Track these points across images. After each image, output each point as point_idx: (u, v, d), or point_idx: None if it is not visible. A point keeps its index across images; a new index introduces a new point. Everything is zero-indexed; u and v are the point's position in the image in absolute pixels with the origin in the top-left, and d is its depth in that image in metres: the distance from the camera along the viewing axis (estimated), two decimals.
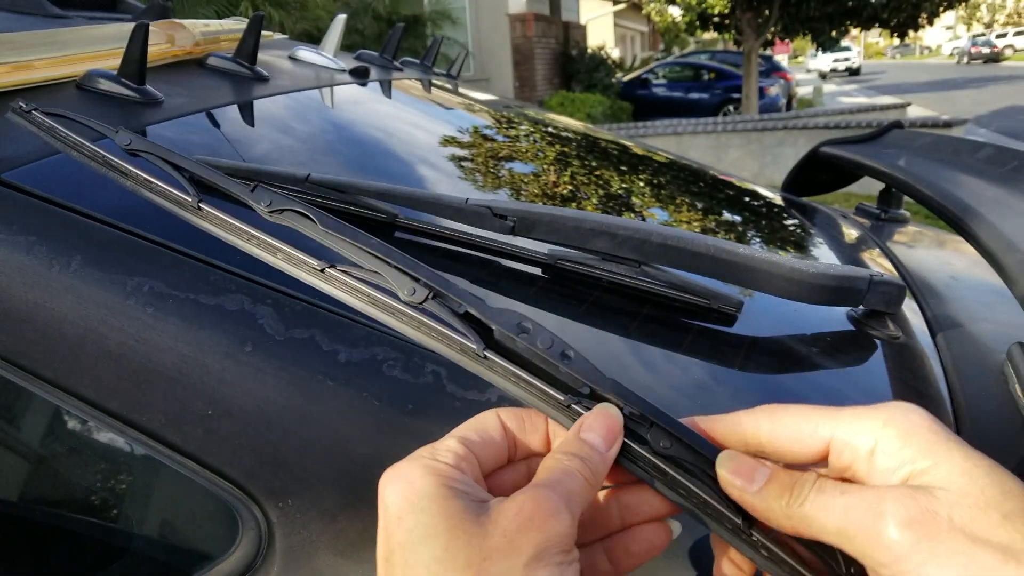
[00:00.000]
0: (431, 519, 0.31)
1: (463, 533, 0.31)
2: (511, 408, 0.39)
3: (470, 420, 0.38)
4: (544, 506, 0.32)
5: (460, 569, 0.30)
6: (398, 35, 1.48)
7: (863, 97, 16.62)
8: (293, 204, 0.47)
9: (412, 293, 0.42)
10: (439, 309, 0.42)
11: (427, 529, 0.31)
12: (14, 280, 0.49)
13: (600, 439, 0.36)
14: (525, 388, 0.40)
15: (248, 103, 0.92)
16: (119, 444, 0.52)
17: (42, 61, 0.75)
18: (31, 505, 0.57)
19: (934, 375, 0.68)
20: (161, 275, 0.50)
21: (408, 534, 0.32)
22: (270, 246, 0.46)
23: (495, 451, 0.37)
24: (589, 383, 0.39)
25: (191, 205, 0.48)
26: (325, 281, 0.44)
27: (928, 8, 9.71)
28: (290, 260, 0.45)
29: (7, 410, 0.55)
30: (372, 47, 1.59)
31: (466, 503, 0.32)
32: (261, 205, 0.47)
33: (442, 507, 0.32)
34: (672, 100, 12.58)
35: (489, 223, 0.64)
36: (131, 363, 0.48)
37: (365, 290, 0.43)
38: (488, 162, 1.07)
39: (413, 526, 0.32)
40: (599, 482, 0.35)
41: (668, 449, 0.37)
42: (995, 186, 0.86)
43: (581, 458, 0.35)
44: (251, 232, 0.46)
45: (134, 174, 0.51)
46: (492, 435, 0.37)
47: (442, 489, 0.32)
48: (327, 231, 0.45)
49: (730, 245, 0.64)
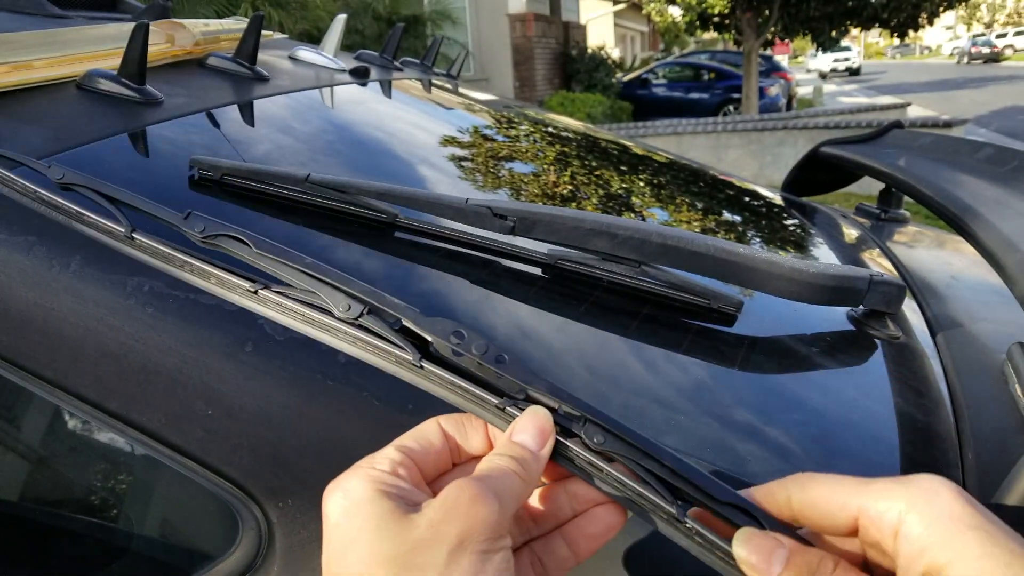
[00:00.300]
0: (362, 523, 0.33)
1: (389, 531, 0.32)
2: (452, 415, 0.41)
3: (411, 429, 0.39)
4: (468, 493, 0.33)
5: (386, 563, 0.31)
6: (398, 35, 1.48)
7: (863, 97, 16.62)
8: (226, 229, 0.48)
9: (347, 309, 0.43)
10: (374, 323, 0.43)
11: (357, 533, 0.32)
12: (14, 280, 0.49)
13: (532, 439, 0.37)
14: (461, 395, 0.41)
15: (248, 103, 0.92)
16: (119, 444, 0.52)
17: (42, 61, 0.75)
18: (31, 505, 0.57)
19: (934, 375, 0.68)
20: (161, 275, 0.50)
21: (341, 540, 0.33)
22: (202, 271, 0.47)
23: (436, 457, 0.38)
24: (523, 385, 0.40)
25: (124, 235, 0.49)
26: (259, 303, 0.46)
27: (928, 8, 9.72)
28: (223, 284, 0.47)
29: (7, 410, 0.55)
30: (372, 47, 1.59)
31: (398, 504, 0.33)
32: (195, 231, 0.48)
33: (372, 510, 0.33)
34: (672, 100, 12.58)
35: (489, 223, 0.64)
36: (131, 363, 0.48)
37: (300, 309, 0.44)
38: (488, 162, 1.07)
39: (345, 531, 0.33)
40: (534, 480, 0.36)
41: (601, 444, 0.38)
42: (995, 186, 0.86)
43: (514, 458, 0.36)
44: (183, 259, 0.48)
45: (66, 208, 0.51)
46: (432, 441, 0.39)
47: (375, 495, 0.33)
48: (260, 253, 0.46)
49: (730, 245, 0.64)
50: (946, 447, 0.57)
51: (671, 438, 0.50)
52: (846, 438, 0.57)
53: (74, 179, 0.52)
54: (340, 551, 0.33)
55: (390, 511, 0.33)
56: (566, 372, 0.57)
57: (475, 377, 0.42)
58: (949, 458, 0.55)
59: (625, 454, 0.38)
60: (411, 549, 0.31)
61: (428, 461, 0.38)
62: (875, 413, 0.61)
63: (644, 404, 0.55)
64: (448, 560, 0.31)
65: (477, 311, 0.63)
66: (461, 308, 0.62)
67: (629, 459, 0.38)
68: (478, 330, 0.43)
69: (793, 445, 0.55)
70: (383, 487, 0.34)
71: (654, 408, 0.55)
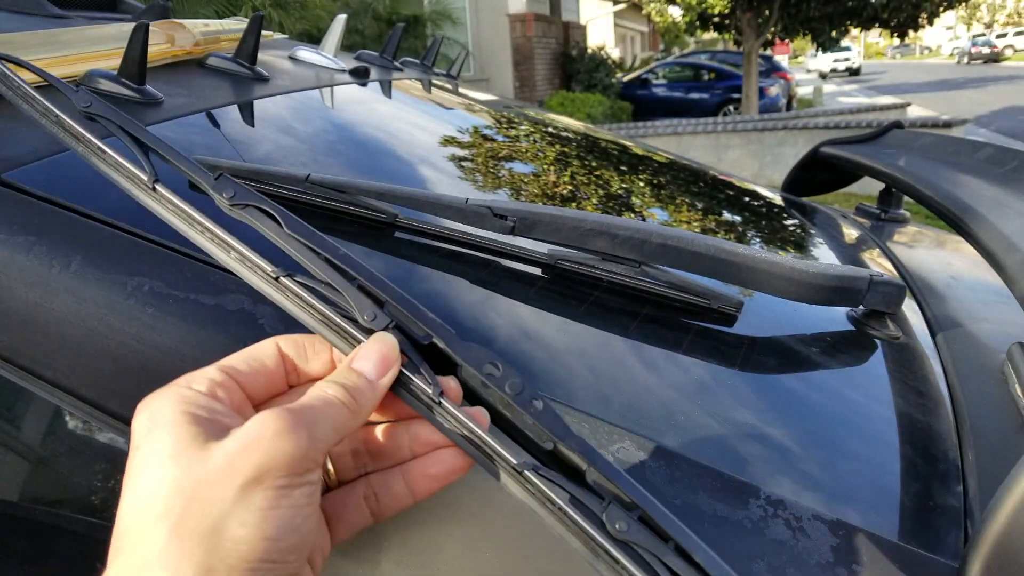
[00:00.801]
0: (159, 447, 0.31)
1: (184, 459, 0.30)
2: (292, 335, 0.39)
3: (243, 349, 0.37)
4: (273, 426, 0.31)
5: (173, 494, 0.29)
6: (398, 35, 1.48)
7: (863, 97, 16.62)
8: (257, 200, 0.42)
9: (372, 318, 0.38)
10: (400, 340, 0.38)
11: (152, 457, 0.31)
12: (14, 280, 0.49)
13: (372, 367, 0.36)
14: (473, 446, 0.36)
15: (248, 103, 0.92)
16: (119, 444, 0.52)
17: (42, 61, 0.75)
18: (31, 505, 0.57)
19: (934, 375, 0.68)
20: (161, 275, 0.50)
21: (138, 463, 0.31)
22: (223, 242, 0.41)
23: (267, 379, 0.37)
24: (553, 437, 0.36)
25: (145, 184, 0.43)
26: (278, 291, 0.40)
27: (928, 8, 9.72)
28: (243, 262, 0.41)
29: (7, 410, 0.55)
30: (372, 47, 1.59)
31: (203, 430, 0.31)
32: (223, 196, 0.42)
33: (172, 434, 0.31)
34: (672, 100, 12.58)
35: (489, 223, 0.64)
36: (131, 363, 0.48)
37: (320, 307, 0.39)
38: (488, 162, 1.07)
39: (143, 455, 0.31)
40: (365, 410, 0.35)
41: (623, 533, 0.33)
42: (995, 186, 0.86)
43: (345, 386, 0.34)
44: (205, 224, 0.42)
45: (87, 140, 0.46)
46: (265, 363, 0.37)
47: (180, 417, 0.32)
48: (291, 234, 0.41)
49: (730, 245, 0.64)
50: (946, 447, 0.57)
51: (671, 438, 0.50)
52: (846, 438, 0.57)
53: (101, 110, 0.47)
54: (134, 476, 0.31)
55: (190, 437, 0.31)
56: (567, 372, 0.57)
57: (501, 416, 0.38)
58: (949, 458, 0.55)
59: (649, 548, 0.33)
60: (201, 481, 0.30)
61: (258, 383, 0.36)
62: (875, 413, 0.61)
63: (644, 404, 0.55)
64: (239, 495, 0.29)
65: (477, 311, 0.63)
66: (461, 308, 0.62)
67: (649, 552, 0.33)
68: (513, 362, 0.39)
69: (793, 445, 0.55)
70: (191, 408, 0.32)
71: (654, 408, 0.55)
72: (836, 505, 0.47)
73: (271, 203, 0.42)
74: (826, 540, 0.43)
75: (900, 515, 0.49)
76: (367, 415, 0.35)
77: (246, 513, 0.29)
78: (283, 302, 0.40)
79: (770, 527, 0.44)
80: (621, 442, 0.48)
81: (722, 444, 0.52)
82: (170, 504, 0.29)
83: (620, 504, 0.34)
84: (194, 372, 0.35)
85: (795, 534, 0.43)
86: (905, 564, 0.43)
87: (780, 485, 0.48)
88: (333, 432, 0.33)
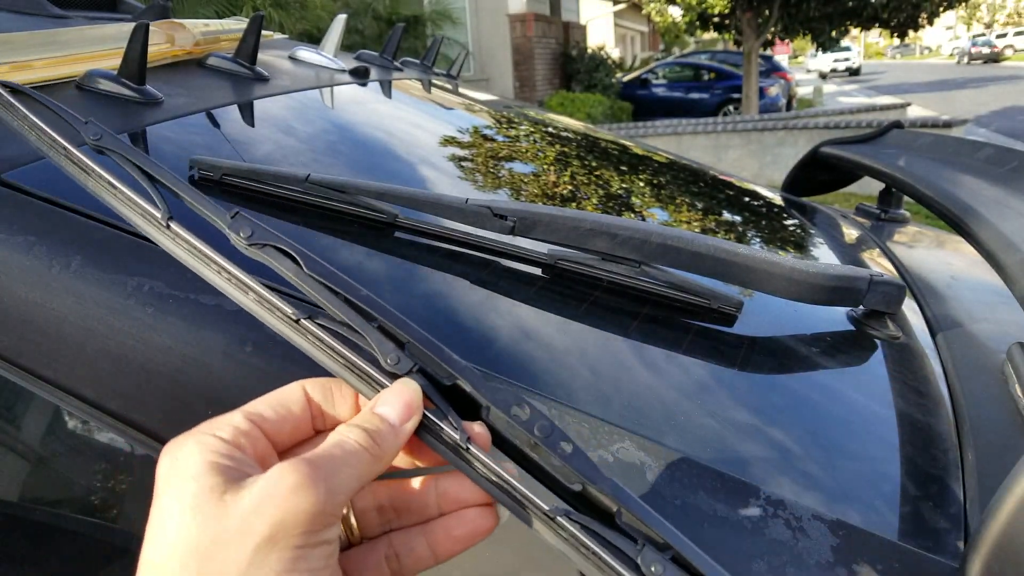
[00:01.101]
0: (179, 499, 0.30)
1: (202, 515, 0.29)
2: (318, 379, 0.38)
3: (269, 393, 0.36)
4: (289, 479, 0.29)
5: (188, 554, 0.28)
6: (398, 35, 1.48)
7: (863, 97, 16.62)
8: (276, 240, 0.41)
9: (396, 362, 0.37)
10: (422, 383, 0.37)
11: (171, 510, 0.30)
12: (14, 280, 0.49)
13: (395, 412, 0.34)
14: (501, 491, 0.36)
15: (248, 103, 0.92)
16: (119, 444, 0.52)
17: (42, 61, 0.75)
18: (31, 505, 0.57)
19: (934, 375, 0.68)
20: (161, 275, 0.50)
21: (159, 513, 0.30)
22: (241, 283, 0.40)
23: (293, 425, 0.36)
24: (582, 479, 0.35)
25: (159, 222, 0.42)
26: (297, 333, 0.39)
27: (928, 8, 9.72)
28: (261, 303, 0.40)
29: (7, 410, 0.55)
30: (372, 47, 1.59)
31: (223, 480, 0.30)
32: (240, 235, 0.41)
33: (193, 487, 0.30)
34: (672, 100, 12.58)
35: (489, 223, 0.64)
36: (131, 363, 0.48)
37: (342, 351, 0.38)
38: (488, 162, 1.07)
39: (164, 505, 0.30)
40: (388, 455, 0.33)
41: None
42: (995, 186, 0.86)
43: (367, 430, 0.33)
44: (222, 264, 0.40)
45: (97, 175, 0.44)
46: (291, 408, 0.36)
47: (203, 466, 0.30)
48: (310, 275, 0.40)
49: (730, 245, 0.64)
50: (946, 447, 0.57)
51: (671, 438, 0.50)
52: (846, 438, 0.57)
53: (111, 144, 0.45)
54: (155, 527, 0.30)
55: (210, 490, 0.29)
56: (566, 372, 0.57)
57: (525, 458, 0.37)
58: (949, 458, 0.55)
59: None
60: (214, 542, 0.28)
61: (284, 430, 0.35)
62: (875, 413, 0.61)
63: (644, 404, 0.55)
64: (253, 557, 0.28)
65: (477, 311, 0.63)
66: (461, 308, 0.62)
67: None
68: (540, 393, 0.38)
69: (793, 445, 0.55)
70: (214, 457, 0.31)
71: (654, 408, 0.55)
72: (836, 505, 0.47)
73: (290, 243, 0.41)
74: (826, 540, 0.43)
75: (900, 515, 0.49)
76: (389, 461, 0.34)
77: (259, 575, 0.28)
78: (304, 345, 0.39)
79: (770, 527, 0.44)
80: (621, 442, 0.48)
81: (722, 444, 0.52)
82: (186, 563, 0.28)
83: (653, 545, 0.33)
84: (219, 418, 0.34)
85: (795, 534, 0.43)
86: (905, 564, 0.43)
87: (780, 485, 0.48)
88: (354, 481, 0.31)
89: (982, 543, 0.40)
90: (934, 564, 0.43)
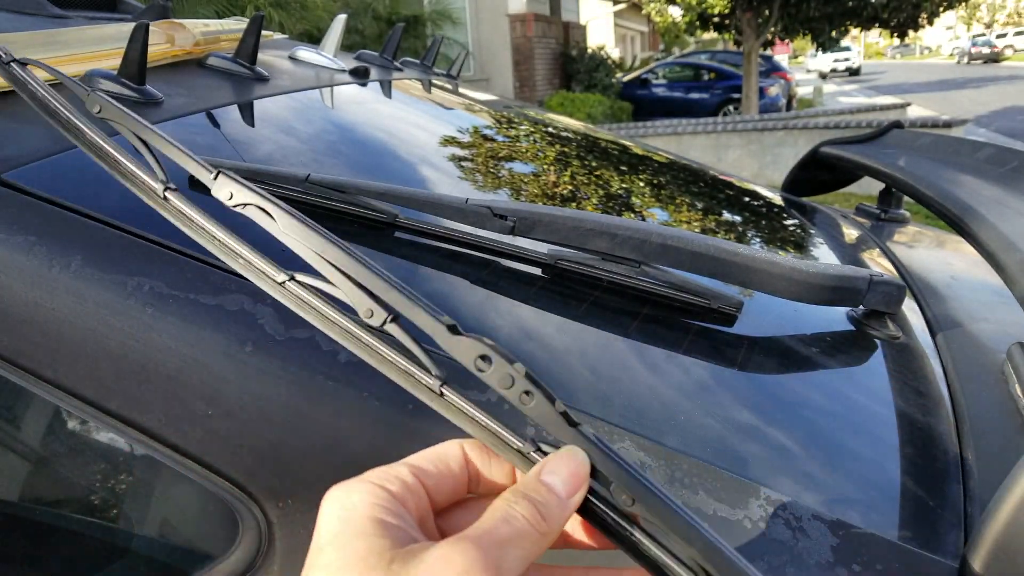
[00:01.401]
0: (344, 555, 0.29)
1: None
2: (476, 440, 0.36)
3: (430, 448, 0.35)
4: (459, 562, 0.28)
5: None
6: (398, 35, 1.48)
7: (863, 97, 16.62)
8: (255, 198, 0.41)
9: (370, 315, 0.37)
10: (399, 334, 0.37)
11: (335, 565, 0.29)
12: (14, 280, 0.49)
13: (562, 484, 0.32)
14: (481, 429, 0.36)
15: (248, 103, 0.92)
16: (119, 444, 0.52)
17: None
18: (31, 505, 0.57)
19: (934, 375, 0.68)
20: (161, 275, 0.50)
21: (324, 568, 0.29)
22: (231, 251, 0.41)
23: (452, 485, 0.34)
24: (547, 438, 0.35)
25: (157, 194, 0.43)
26: (283, 295, 0.40)
27: (928, 8, 9.72)
28: (249, 268, 0.40)
29: (7, 410, 0.55)
30: (372, 47, 1.59)
31: (391, 545, 0.29)
32: (224, 197, 0.41)
33: (361, 546, 0.29)
34: (672, 100, 12.58)
35: (489, 223, 0.64)
36: (131, 363, 0.48)
37: (319, 305, 0.39)
38: (488, 162, 1.07)
39: (330, 560, 0.29)
40: (554, 531, 0.31)
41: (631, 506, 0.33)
42: (995, 186, 0.86)
43: (534, 502, 0.31)
44: (214, 232, 0.42)
45: (102, 151, 0.44)
46: (451, 467, 0.35)
47: (372, 525, 0.30)
48: (286, 232, 0.39)
49: (730, 245, 0.64)
50: (946, 447, 0.57)
51: (671, 438, 0.50)
52: (846, 438, 0.57)
53: (111, 114, 0.45)
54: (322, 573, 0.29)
55: (379, 555, 0.28)
56: (567, 372, 0.57)
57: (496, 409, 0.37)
58: (949, 458, 0.55)
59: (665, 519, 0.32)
60: None
61: (442, 489, 0.34)
62: (875, 413, 0.61)
63: (644, 404, 0.55)
64: None
65: (477, 311, 0.63)
66: (461, 308, 0.62)
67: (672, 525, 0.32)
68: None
69: (793, 445, 0.55)
70: (383, 515, 0.30)
71: (654, 408, 0.55)
72: (836, 505, 0.47)
73: (269, 198, 0.41)
74: (826, 540, 0.43)
75: (900, 515, 0.49)
76: (555, 537, 0.32)
77: None
78: (304, 314, 0.39)
79: (770, 527, 0.44)
80: (621, 442, 0.48)
81: (722, 444, 0.52)
82: None
83: (625, 486, 0.33)
84: (386, 468, 0.33)
85: (795, 534, 0.43)
86: (905, 564, 0.43)
87: (780, 485, 0.48)
88: (521, 561, 0.30)
89: (982, 543, 0.40)
90: (934, 564, 0.43)
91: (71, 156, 0.62)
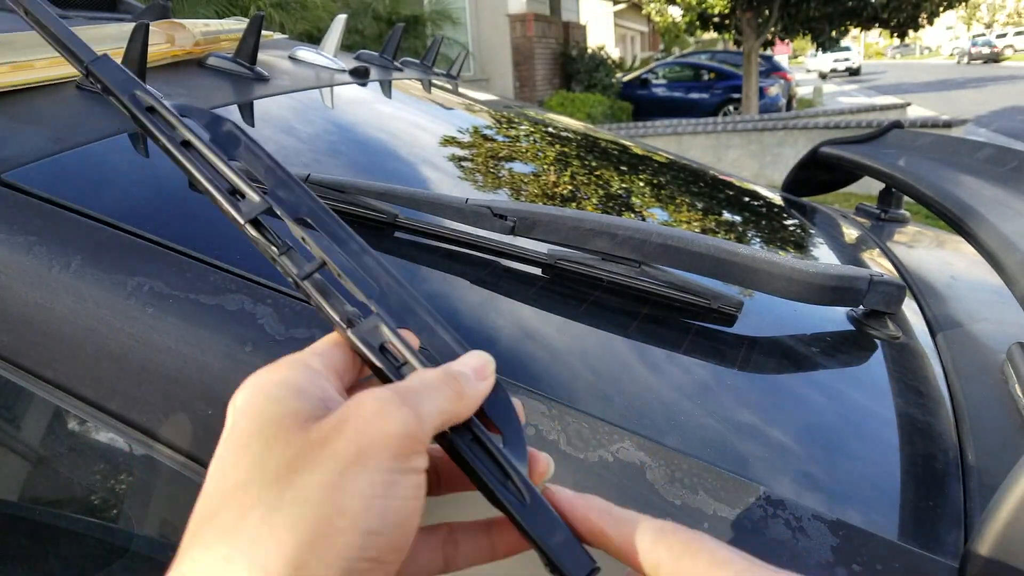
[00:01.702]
0: (257, 423, 0.28)
1: (283, 438, 0.27)
2: None
3: (323, 339, 0.35)
4: (373, 403, 0.27)
5: (268, 481, 0.26)
6: (398, 35, 1.48)
7: (863, 97, 16.62)
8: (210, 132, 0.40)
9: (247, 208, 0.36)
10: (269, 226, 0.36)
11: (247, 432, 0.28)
12: (15, 280, 0.49)
13: (470, 370, 0.32)
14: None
15: (248, 103, 0.92)
16: (119, 444, 0.52)
17: (42, 61, 0.75)
18: (31, 505, 0.57)
19: (934, 375, 0.68)
20: (161, 275, 0.50)
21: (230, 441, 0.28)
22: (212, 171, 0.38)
23: (355, 370, 0.34)
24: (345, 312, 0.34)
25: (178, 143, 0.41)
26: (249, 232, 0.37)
27: (928, 8, 9.71)
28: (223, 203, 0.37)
29: (7, 410, 0.55)
30: (372, 47, 1.59)
31: (308, 406, 0.28)
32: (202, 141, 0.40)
33: (277, 410, 0.28)
34: (672, 100, 12.57)
35: (489, 223, 0.64)
36: (131, 363, 0.48)
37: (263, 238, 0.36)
38: (488, 162, 1.07)
39: (239, 431, 0.28)
40: (468, 400, 0.31)
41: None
42: (995, 186, 0.86)
43: (447, 370, 0.31)
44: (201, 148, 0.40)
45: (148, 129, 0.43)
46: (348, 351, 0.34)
47: (287, 390, 0.29)
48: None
49: (730, 245, 0.64)
50: (946, 447, 0.57)
51: (671, 438, 0.50)
52: (846, 438, 0.57)
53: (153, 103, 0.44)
54: (226, 454, 0.28)
55: (294, 414, 0.28)
56: (567, 372, 0.57)
57: None
58: (949, 458, 0.55)
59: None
60: (297, 466, 0.26)
61: (350, 370, 0.33)
62: (875, 413, 0.61)
63: (644, 404, 0.55)
64: (339, 480, 0.26)
65: (477, 311, 0.63)
66: (462, 308, 0.62)
67: None
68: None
69: (793, 445, 0.55)
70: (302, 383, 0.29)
71: (654, 408, 0.55)
72: (836, 505, 0.47)
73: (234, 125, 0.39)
74: (826, 540, 0.43)
75: (900, 515, 0.49)
76: (469, 408, 0.31)
77: (346, 500, 0.26)
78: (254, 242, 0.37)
79: (770, 527, 0.44)
80: (621, 442, 0.48)
81: (722, 444, 0.52)
82: (266, 487, 0.26)
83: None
84: (298, 354, 0.32)
85: (795, 534, 0.43)
86: (905, 564, 0.43)
87: (780, 485, 0.48)
88: (438, 413, 0.29)
89: (982, 543, 0.40)
90: (934, 564, 0.43)
91: (71, 156, 0.62)
